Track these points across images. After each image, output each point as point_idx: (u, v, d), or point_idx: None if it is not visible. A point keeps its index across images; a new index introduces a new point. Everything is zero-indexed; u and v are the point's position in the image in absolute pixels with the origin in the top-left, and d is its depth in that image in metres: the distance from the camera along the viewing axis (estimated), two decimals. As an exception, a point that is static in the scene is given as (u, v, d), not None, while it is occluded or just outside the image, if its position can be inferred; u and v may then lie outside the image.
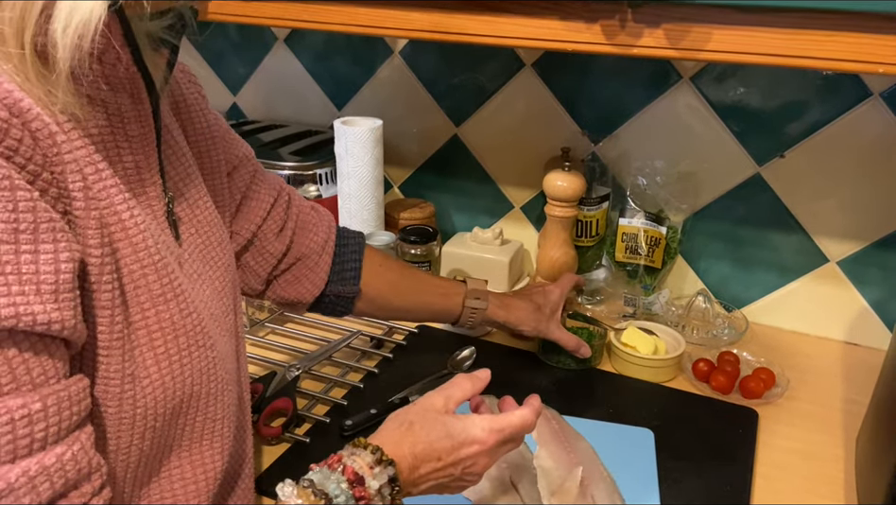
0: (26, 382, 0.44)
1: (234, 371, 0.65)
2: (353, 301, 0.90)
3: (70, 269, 0.46)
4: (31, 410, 0.44)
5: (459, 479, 0.65)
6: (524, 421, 0.67)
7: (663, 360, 1.02)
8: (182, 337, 0.56)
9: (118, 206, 0.51)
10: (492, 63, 1.24)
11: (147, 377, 0.54)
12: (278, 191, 0.83)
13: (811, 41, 0.69)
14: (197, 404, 0.59)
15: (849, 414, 0.97)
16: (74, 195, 0.47)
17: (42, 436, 0.45)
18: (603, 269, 1.25)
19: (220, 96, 1.51)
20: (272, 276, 0.85)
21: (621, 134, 1.20)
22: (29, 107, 0.44)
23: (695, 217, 1.19)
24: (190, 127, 0.68)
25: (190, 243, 0.62)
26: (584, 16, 0.77)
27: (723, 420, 0.94)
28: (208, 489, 0.63)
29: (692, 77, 1.12)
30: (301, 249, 0.84)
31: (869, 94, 1.02)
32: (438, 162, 1.36)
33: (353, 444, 0.60)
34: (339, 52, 1.36)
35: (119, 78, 0.53)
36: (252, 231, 0.80)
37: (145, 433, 0.55)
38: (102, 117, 0.52)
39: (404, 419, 0.64)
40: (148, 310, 0.53)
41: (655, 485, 0.82)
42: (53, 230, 0.45)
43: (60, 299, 0.45)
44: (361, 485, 0.57)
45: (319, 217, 0.87)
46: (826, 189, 1.09)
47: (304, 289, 0.86)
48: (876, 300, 1.12)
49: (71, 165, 0.47)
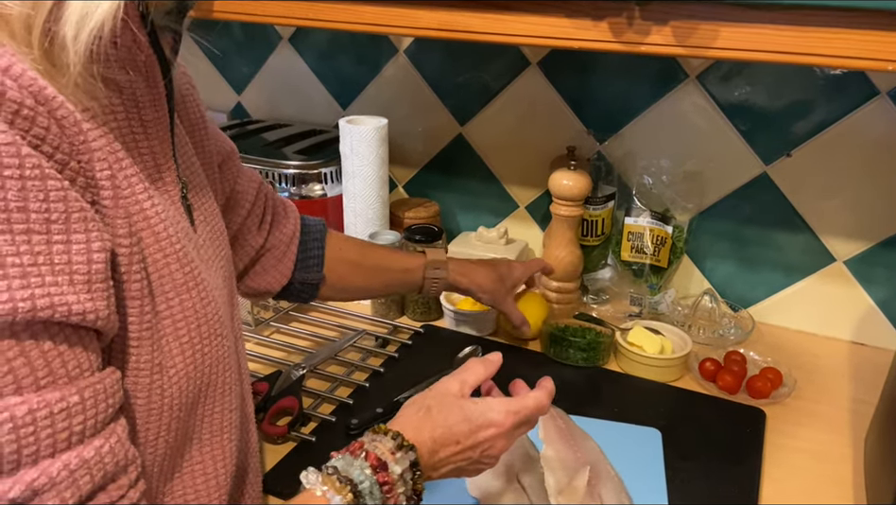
0: (63, 375, 0.44)
1: (236, 360, 0.66)
2: (317, 287, 0.91)
3: (102, 258, 0.45)
4: (70, 404, 0.44)
5: (477, 462, 0.65)
6: (538, 402, 0.67)
7: (669, 360, 1.02)
8: (204, 326, 0.56)
9: (139, 195, 0.51)
10: (498, 62, 1.24)
11: (174, 367, 0.54)
12: (258, 184, 0.84)
13: (819, 38, 0.69)
14: (214, 393, 0.59)
15: (857, 414, 0.97)
16: (102, 183, 0.47)
17: (80, 429, 0.44)
18: (609, 268, 1.25)
19: (225, 96, 1.51)
20: (246, 269, 0.86)
21: (627, 133, 1.19)
22: (54, 94, 0.44)
23: (701, 216, 1.18)
24: (186, 118, 0.68)
25: (203, 230, 0.62)
26: (591, 14, 0.77)
27: (730, 420, 0.93)
28: (227, 483, 0.63)
29: (698, 75, 1.11)
30: (272, 240, 0.86)
31: (876, 92, 1.02)
32: (443, 161, 1.35)
33: (374, 431, 0.61)
34: (344, 51, 1.36)
35: (135, 62, 0.52)
36: (238, 224, 0.81)
37: (171, 424, 0.55)
38: (118, 103, 0.51)
39: (422, 404, 0.65)
40: (172, 299, 0.53)
41: (663, 485, 0.81)
42: (84, 219, 0.44)
43: (93, 289, 0.45)
44: (384, 471, 0.57)
45: (287, 208, 0.89)
46: (833, 188, 1.09)
47: (273, 279, 0.87)
48: (883, 299, 1.11)
49: (98, 153, 0.47)
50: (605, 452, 0.83)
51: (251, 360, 1.06)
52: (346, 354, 1.07)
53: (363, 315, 1.19)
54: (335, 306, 1.21)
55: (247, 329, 1.13)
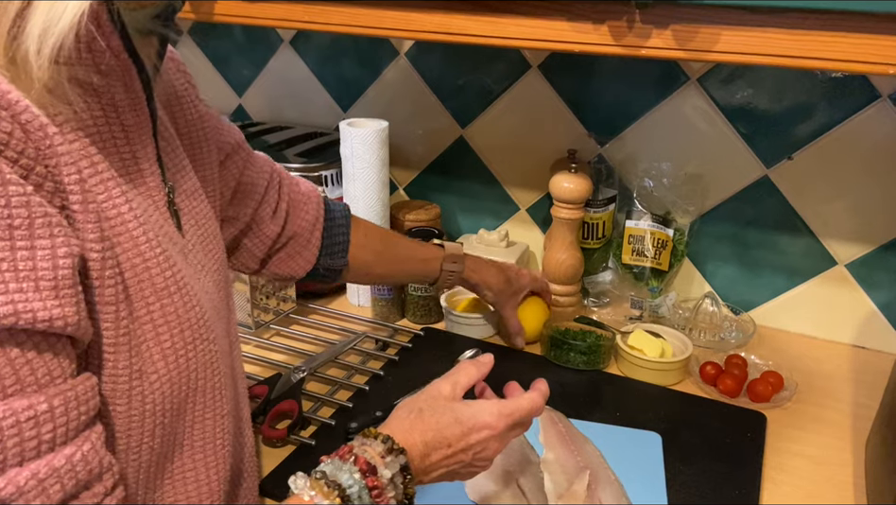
0: (31, 383, 0.43)
1: (230, 364, 0.65)
2: (341, 271, 0.93)
3: (69, 264, 0.45)
4: (38, 412, 0.43)
5: (470, 465, 0.64)
6: (532, 404, 0.67)
7: (670, 363, 1.02)
8: (188, 330, 0.56)
9: (116, 199, 0.50)
10: (498, 65, 1.24)
11: (155, 372, 0.53)
12: (270, 173, 0.84)
13: (820, 41, 0.69)
14: (203, 399, 0.59)
15: (858, 418, 0.96)
16: (70, 188, 0.46)
17: (49, 437, 0.44)
18: (609, 271, 1.25)
19: (226, 98, 1.51)
20: (268, 255, 0.86)
21: (628, 136, 1.19)
22: (18, 99, 0.43)
23: (702, 219, 1.18)
24: (181, 118, 0.67)
25: (192, 234, 0.62)
26: (592, 17, 0.77)
27: (731, 424, 0.93)
28: (220, 489, 0.62)
29: (699, 78, 1.11)
30: (294, 227, 0.86)
31: (877, 95, 1.02)
32: (443, 163, 1.35)
33: (364, 434, 0.60)
34: (345, 54, 1.36)
35: (110, 66, 0.51)
36: (250, 214, 0.81)
37: (154, 430, 0.54)
38: (96, 108, 0.51)
39: (413, 406, 0.64)
40: (153, 304, 0.53)
41: (663, 489, 0.81)
42: (49, 224, 0.44)
43: (60, 295, 0.44)
44: (374, 475, 0.56)
45: (308, 193, 0.89)
46: (834, 192, 1.09)
47: (297, 265, 0.88)
48: (885, 303, 1.11)
49: (65, 157, 0.46)
50: (605, 456, 0.83)
51: (251, 363, 1.06)
52: (346, 357, 1.07)
53: (363, 318, 1.19)
54: (335, 309, 1.21)
55: (247, 332, 1.13)
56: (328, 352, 1.06)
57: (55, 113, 0.46)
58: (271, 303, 1.16)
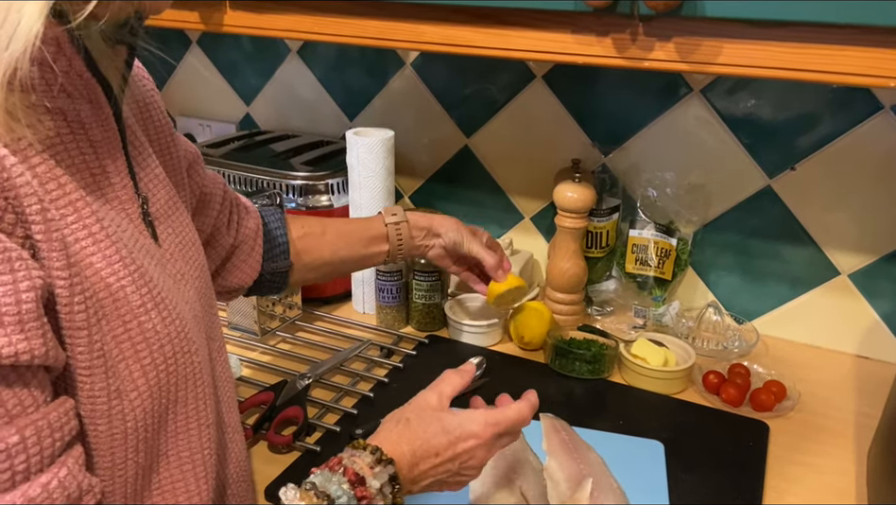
0: (2, 415, 0.43)
1: (211, 373, 0.64)
2: (287, 274, 0.91)
3: (32, 297, 0.44)
4: (9, 444, 0.43)
5: (458, 474, 0.65)
6: (520, 414, 0.68)
7: (673, 372, 1.02)
8: (168, 345, 0.55)
9: (87, 220, 0.50)
10: (503, 75, 1.25)
11: (135, 389, 0.53)
12: (223, 185, 0.83)
13: (822, 55, 0.69)
14: (186, 410, 0.58)
15: (860, 428, 0.97)
16: (32, 218, 0.46)
17: (23, 468, 0.44)
18: (613, 280, 1.25)
19: (234, 107, 1.53)
20: (221, 267, 0.85)
21: (631, 146, 1.20)
22: None
23: (705, 228, 1.19)
24: (151, 125, 0.66)
25: (170, 243, 0.61)
26: (595, 30, 0.77)
27: (733, 433, 0.93)
28: (208, 496, 0.62)
29: (702, 89, 1.12)
30: (241, 237, 0.86)
31: (880, 107, 1.02)
32: (448, 172, 1.36)
33: (353, 446, 0.61)
34: (352, 64, 1.37)
35: (74, 85, 0.51)
36: (210, 224, 0.80)
37: (138, 445, 0.54)
38: (62, 126, 0.50)
39: (401, 417, 0.65)
40: (130, 322, 0.52)
41: (665, 497, 0.81)
42: (9, 259, 0.43)
43: (26, 329, 0.44)
44: (362, 485, 0.57)
45: (247, 203, 0.89)
46: (837, 202, 1.09)
47: (244, 274, 0.87)
48: (888, 313, 1.11)
49: (24, 188, 0.45)
50: (608, 464, 0.83)
51: (257, 370, 1.07)
52: (351, 364, 1.08)
53: (368, 325, 1.19)
54: (340, 316, 1.22)
55: (253, 338, 1.14)
56: (333, 359, 1.07)
57: (17, 137, 0.46)
58: (277, 309, 1.17)
